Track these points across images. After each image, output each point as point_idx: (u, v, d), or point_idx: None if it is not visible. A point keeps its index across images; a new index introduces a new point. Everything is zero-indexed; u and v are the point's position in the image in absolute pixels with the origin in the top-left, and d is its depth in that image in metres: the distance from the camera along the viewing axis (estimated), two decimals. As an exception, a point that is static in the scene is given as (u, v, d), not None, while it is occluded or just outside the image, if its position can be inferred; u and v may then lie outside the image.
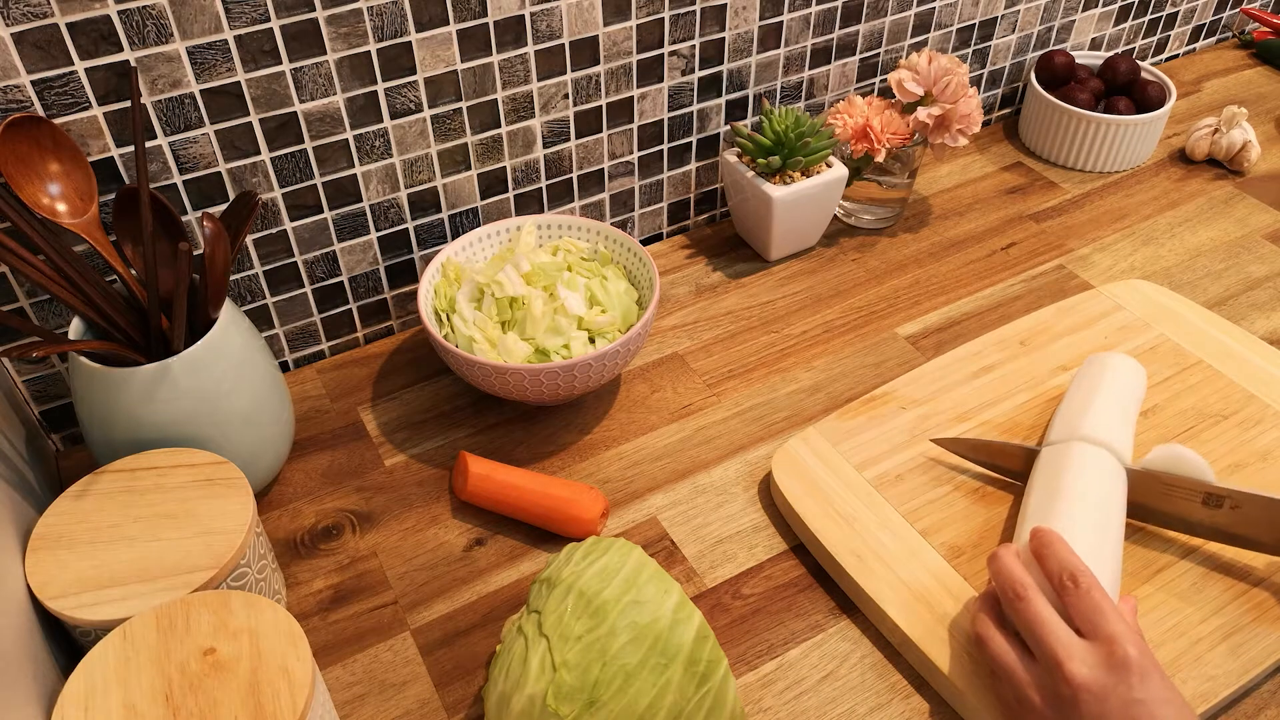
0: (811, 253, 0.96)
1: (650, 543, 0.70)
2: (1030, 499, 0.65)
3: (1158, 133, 1.06)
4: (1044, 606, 0.55)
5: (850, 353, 0.85)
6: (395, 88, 0.75)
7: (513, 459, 0.76)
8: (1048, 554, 0.57)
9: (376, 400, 0.81)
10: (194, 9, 0.65)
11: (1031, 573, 0.57)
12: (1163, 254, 0.95)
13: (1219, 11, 1.27)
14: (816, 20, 0.93)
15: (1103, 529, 0.61)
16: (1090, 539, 0.60)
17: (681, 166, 0.95)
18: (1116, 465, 0.65)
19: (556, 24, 0.79)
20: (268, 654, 0.50)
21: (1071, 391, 0.73)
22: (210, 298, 0.64)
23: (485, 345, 0.74)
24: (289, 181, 0.76)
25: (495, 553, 0.70)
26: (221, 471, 0.62)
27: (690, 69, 0.89)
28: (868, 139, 0.90)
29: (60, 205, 0.64)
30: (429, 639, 0.65)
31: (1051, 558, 0.56)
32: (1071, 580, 0.54)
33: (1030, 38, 1.10)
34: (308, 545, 0.71)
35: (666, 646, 0.51)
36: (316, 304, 0.83)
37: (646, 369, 0.84)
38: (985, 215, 1.01)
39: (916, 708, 0.61)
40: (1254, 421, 0.75)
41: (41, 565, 0.57)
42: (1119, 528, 0.62)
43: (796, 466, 0.72)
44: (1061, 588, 0.55)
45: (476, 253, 0.82)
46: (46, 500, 0.69)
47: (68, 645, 0.60)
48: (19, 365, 0.74)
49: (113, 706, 0.48)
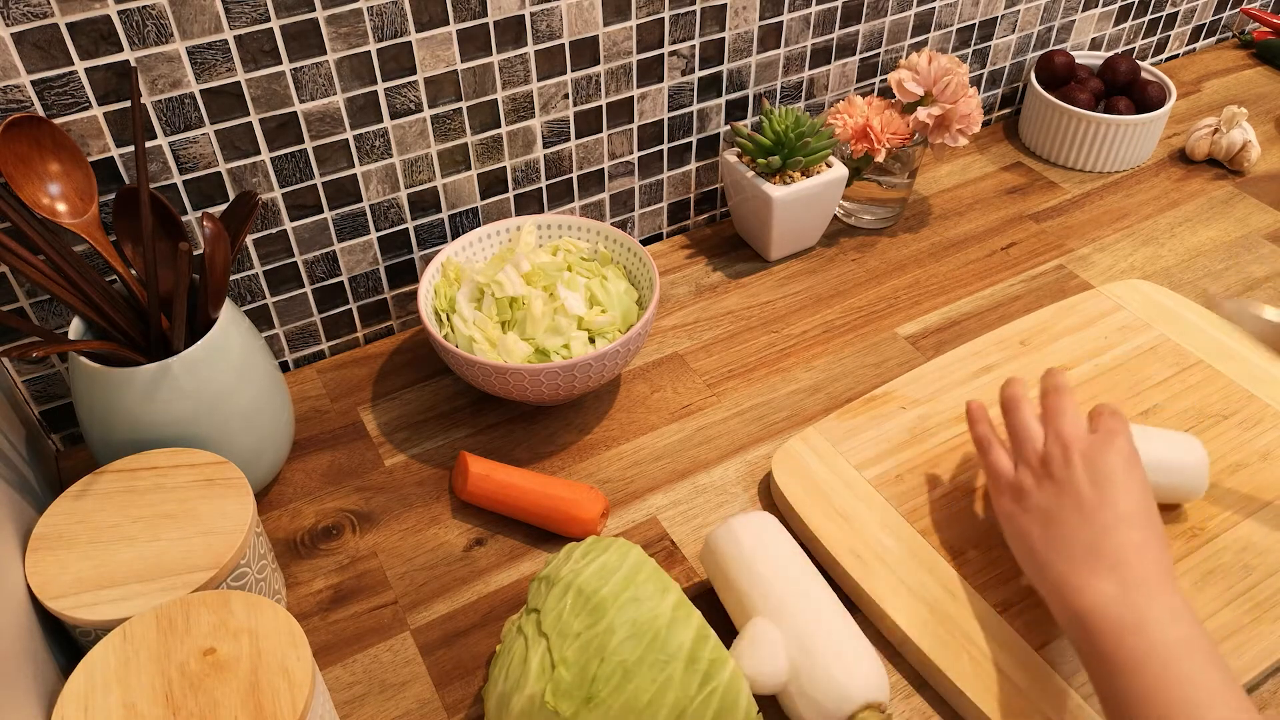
0: (811, 253, 0.96)
1: (650, 543, 0.70)
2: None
3: (1158, 133, 1.06)
4: (1075, 405, 0.63)
5: (850, 353, 0.85)
6: (395, 88, 0.75)
7: (513, 459, 0.76)
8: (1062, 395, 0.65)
9: (376, 400, 0.81)
10: (194, 9, 0.65)
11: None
12: (1163, 254, 0.95)
13: (1219, 11, 1.27)
14: (816, 20, 0.93)
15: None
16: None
17: (681, 166, 0.95)
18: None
19: (556, 24, 0.79)
20: (268, 654, 0.50)
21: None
22: (210, 298, 0.64)
23: (485, 345, 0.74)
24: (289, 181, 0.76)
25: (495, 553, 0.70)
26: (221, 471, 0.62)
27: (690, 69, 0.89)
28: (868, 139, 0.90)
29: (60, 205, 0.64)
30: (429, 639, 0.65)
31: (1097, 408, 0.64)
32: (1110, 414, 0.62)
33: (1030, 38, 1.10)
34: (308, 545, 0.71)
35: (666, 644, 0.51)
36: (316, 304, 0.83)
37: (646, 369, 0.84)
38: (985, 215, 1.01)
39: (916, 708, 0.61)
40: (1254, 421, 0.75)
41: (41, 565, 0.57)
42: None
43: (796, 466, 0.72)
44: (1095, 414, 0.63)
45: (476, 253, 0.82)
46: (46, 500, 0.69)
47: (68, 645, 0.60)
48: (19, 365, 0.74)
49: (113, 706, 0.48)
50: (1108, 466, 0.59)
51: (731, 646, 0.58)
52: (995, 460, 0.64)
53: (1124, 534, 0.56)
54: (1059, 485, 0.59)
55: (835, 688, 0.56)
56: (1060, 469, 0.60)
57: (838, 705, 0.56)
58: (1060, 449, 0.60)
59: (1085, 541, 0.56)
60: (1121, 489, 0.58)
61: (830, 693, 0.56)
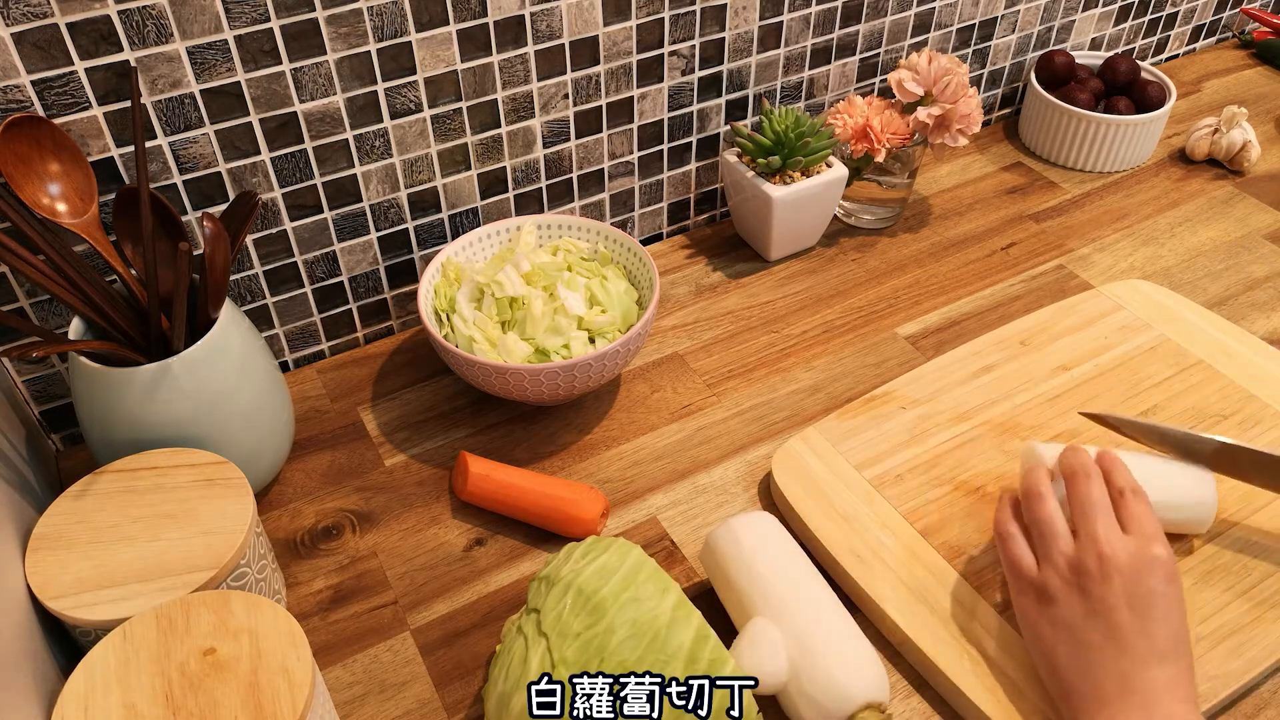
0: (811, 253, 0.96)
1: (650, 543, 0.70)
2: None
3: (1158, 133, 1.06)
4: (1104, 493, 0.58)
5: (850, 353, 0.85)
6: (395, 88, 0.75)
7: (513, 459, 0.76)
8: (1113, 468, 0.60)
9: (376, 400, 0.81)
10: (194, 9, 0.65)
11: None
12: (1163, 254, 0.95)
13: (1219, 11, 1.27)
14: (816, 20, 0.93)
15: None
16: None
17: (681, 166, 0.95)
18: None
19: (556, 24, 0.79)
20: (268, 654, 0.50)
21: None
22: (210, 298, 0.64)
23: (485, 345, 0.74)
24: (289, 181, 0.76)
25: (495, 553, 0.70)
26: (221, 471, 0.62)
27: (690, 69, 0.89)
28: (868, 139, 0.90)
29: (60, 205, 0.64)
30: (429, 639, 0.65)
31: (1117, 472, 0.60)
32: (1133, 492, 0.58)
33: (1030, 38, 1.10)
34: (308, 545, 0.71)
35: (666, 644, 0.51)
36: (316, 304, 0.83)
37: (646, 369, 0.84)
38: (985, 215, 1.01)
39: (916, 708, 0.61)
40: (1254, 421, 0.75)
41: (41, 565, 0.57)
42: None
43: (796, 466, 0.72)
44: (1119, 494, 0.59)
45: (476, 253, 0.82)
46: (46, 500, 0.69)
47: (68, 645, 0.60)
48: (19, 365, 0.74)
49: (113, 706, 0.48)
50: (1148, 590, 0.54)
51: (731, 646, 0.58)
52: (1017, 554, 0.59)
53: (1158, 670, 0.52)
54: (1092, 604, 0.54)
55: (835, 688, 0.56)
56: (1096, 585, 0.54)
57: (838, 705, 0.56)
58: (1096, 561, 0.55)
59: (1117, 674, 0.53)
60: (1161, 618, 0.53)
61: (830, 693, 0.56)
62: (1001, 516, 0.62)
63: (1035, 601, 0.57)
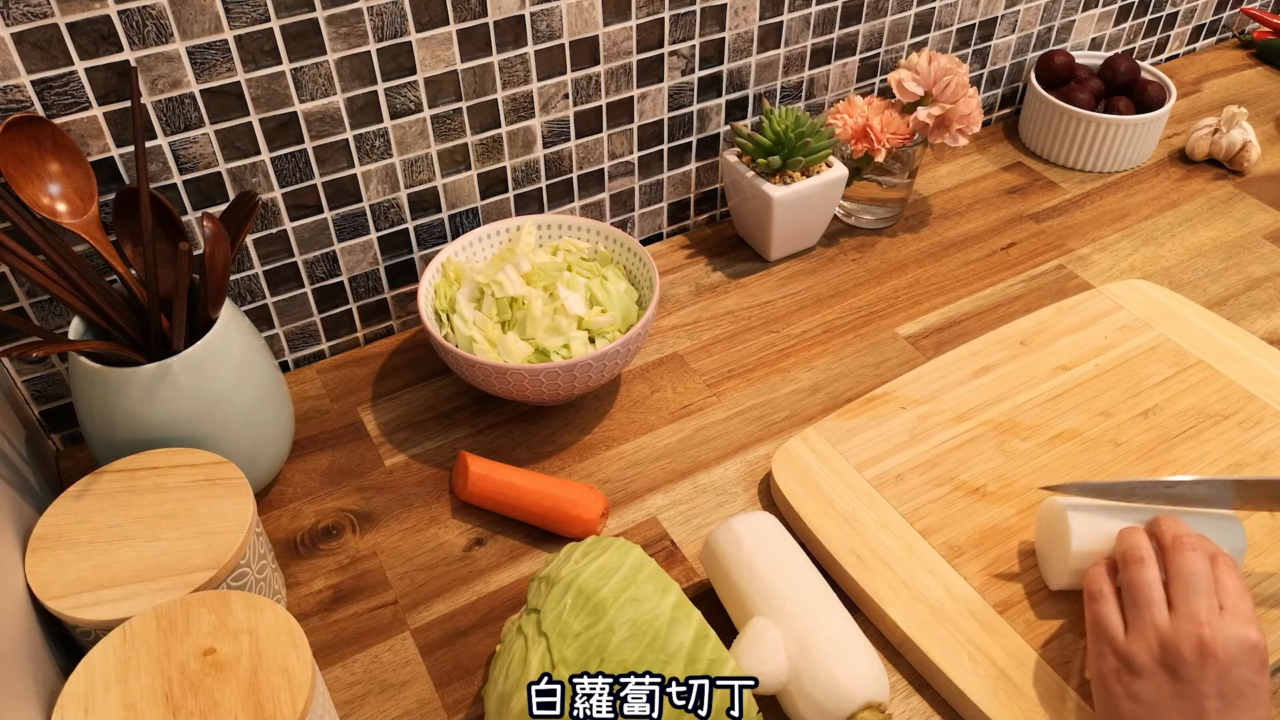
0: (811, 253, 0.96)
1: (650, 543, 0.70)
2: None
3: (1158, 133, 1.06)
4: (1208, 569, 0.55)
5: (850, 353, 0.85)
6: (395, 88, 0.75)
7: (513, 459, 0.76)
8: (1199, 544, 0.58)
9: (376, 400, 0.81)
10: (194, 9, 0.65)
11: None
12: (1163, 254, 0.95)
13: (1219, 11, 1.27)
14: (816, 20, 0.93)
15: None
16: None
17: (681, 166, 0.95)
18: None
19: (556, 24, 0.79)
20: (268, 654, 0.50)
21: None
22: (210, 298, 0.64)
23: (485, 345, 0.74)
24: (289, 181, 0.76)
25: (495, 553, 0.70)
26: (221, 471, 0.62)
27: (690, 69, 0.89)
28: (868, 139, 0.90)
29: (60, 205, 0.64)
30: (429, 639, 0.65)
31: (1199, 538, 0.57)
32: (1226, 563, 0.56)
33: (1030, 38, 1.10)
34: (308, 545, 0.71)
35: (666, 644, 0.51)
36: (316, 304, 0.83)
37: (646, 369, 0.84)
38: (985, 215, 1.01)
39: (916, 708, 0.61)
40: (1254, 421, 0.75)
41: (41, 565, 0.57)
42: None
43: (796, 466, 0.72)
44: (1212, 561, 0.56)
45: (476, 253, 0.82)
46: (46, 500, 0.68)
47: (68, 645, 0.60)
48: (19, 365, 0.74)
49: (113, 706, 0.48)
50: (1240, 679, 0.52)
51: (731, 646, 0.58)
52: (1106, 617, 0.57)
53: None
54: (1182, 687, 0.52)
55: (835, 688, 0.56)
56: (1190, 670, 0.52)
57: (838, 705, 0.56)
58: (1194, 646, 0.52)
59: None
60: (1248, 708, 0.51)
61: (830, 693, 0.56)
62: (1095, 574, 0.59)
63: (1117, 670, 0.55)
